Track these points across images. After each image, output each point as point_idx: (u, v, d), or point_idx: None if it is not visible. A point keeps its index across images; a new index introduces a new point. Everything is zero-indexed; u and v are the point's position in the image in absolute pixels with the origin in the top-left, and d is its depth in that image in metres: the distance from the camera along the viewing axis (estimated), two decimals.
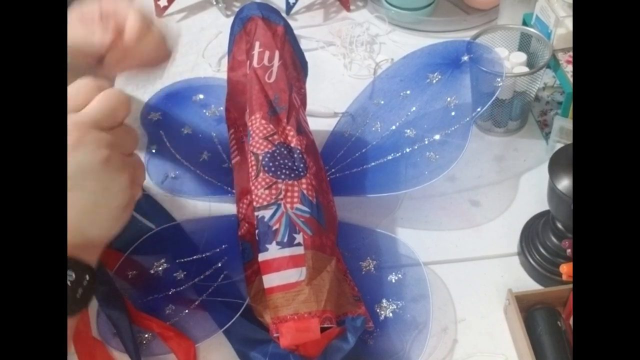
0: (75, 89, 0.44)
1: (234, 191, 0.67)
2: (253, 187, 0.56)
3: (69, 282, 0.42)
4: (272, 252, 0.53)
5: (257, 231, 0.55)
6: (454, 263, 0.64)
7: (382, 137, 0.69)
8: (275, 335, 0.55)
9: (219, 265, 0.62)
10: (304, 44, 0.90)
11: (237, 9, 0.97)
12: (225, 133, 0.69)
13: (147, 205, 0.70)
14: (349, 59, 0.87)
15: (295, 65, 0.66)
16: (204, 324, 0.58)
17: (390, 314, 0.58)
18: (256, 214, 0.55)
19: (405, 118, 0.68)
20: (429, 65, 0.70)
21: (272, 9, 0.66)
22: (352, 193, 0.66)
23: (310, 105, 0.80)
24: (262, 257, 0.54)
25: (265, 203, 0.55)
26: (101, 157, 0.43)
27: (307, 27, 0.93)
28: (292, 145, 0.59)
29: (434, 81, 0.69)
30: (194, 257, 0.63)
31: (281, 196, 0.56)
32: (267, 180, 0.56)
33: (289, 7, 0.94)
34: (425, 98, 0.68)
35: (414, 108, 0.69)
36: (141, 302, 0.60)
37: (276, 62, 0.62)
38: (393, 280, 0.61)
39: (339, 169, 0.69)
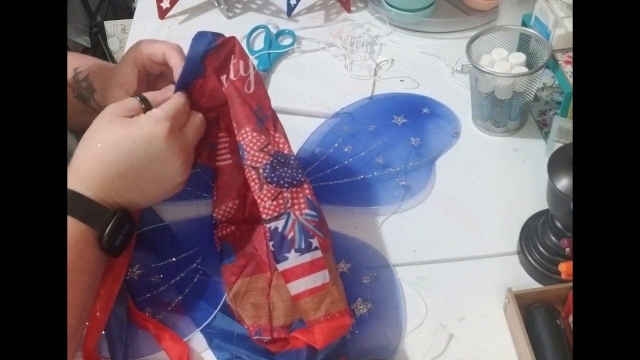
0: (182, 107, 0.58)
1: (205, 194, 0.68)
2: (259, 200, 0.56)
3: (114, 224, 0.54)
4: (293, 260, 0.54)
5: (271, 242, 0.55)
6: (454, 262, 0.65)
7: (353, 158, 0.74)
8: (255, 337, 0.57)
9: (194, 265, 0.64)
10: (305, 45, 0.91)
11: (239, 11, 0.98)
12: None
13: None
14: (350, 60, 0.88)
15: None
16: (182, 324, 0.60)
17: (366, 312, 0.60)
18: (268, 226, 0.55)
19: (374, 147, 0.75)
20: (394, 109, 0.79)
21: (214, 33, 0.60)
22: (326, 202, 0.69)
23: (311, 106, 0.81)
24: (282, 266, 0.54)
25: (275, 214, 0.56)
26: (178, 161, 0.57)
27: (308, 28, 0.93)
28: (286, 152, 0.60)
29: (400, 123, 0.78)
30: (170, 259, 0.64)
31: (289, 205, 0.56)
32: (272, 191, 0.56)
33: (290, 8, 0.95)
34: (392, 135, 0.76)
35: (381, 141, 0.75)
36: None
37: (252, 70, 0.60)
38: (366, 282, 0.63)
39: (313, 180, 0.71)
